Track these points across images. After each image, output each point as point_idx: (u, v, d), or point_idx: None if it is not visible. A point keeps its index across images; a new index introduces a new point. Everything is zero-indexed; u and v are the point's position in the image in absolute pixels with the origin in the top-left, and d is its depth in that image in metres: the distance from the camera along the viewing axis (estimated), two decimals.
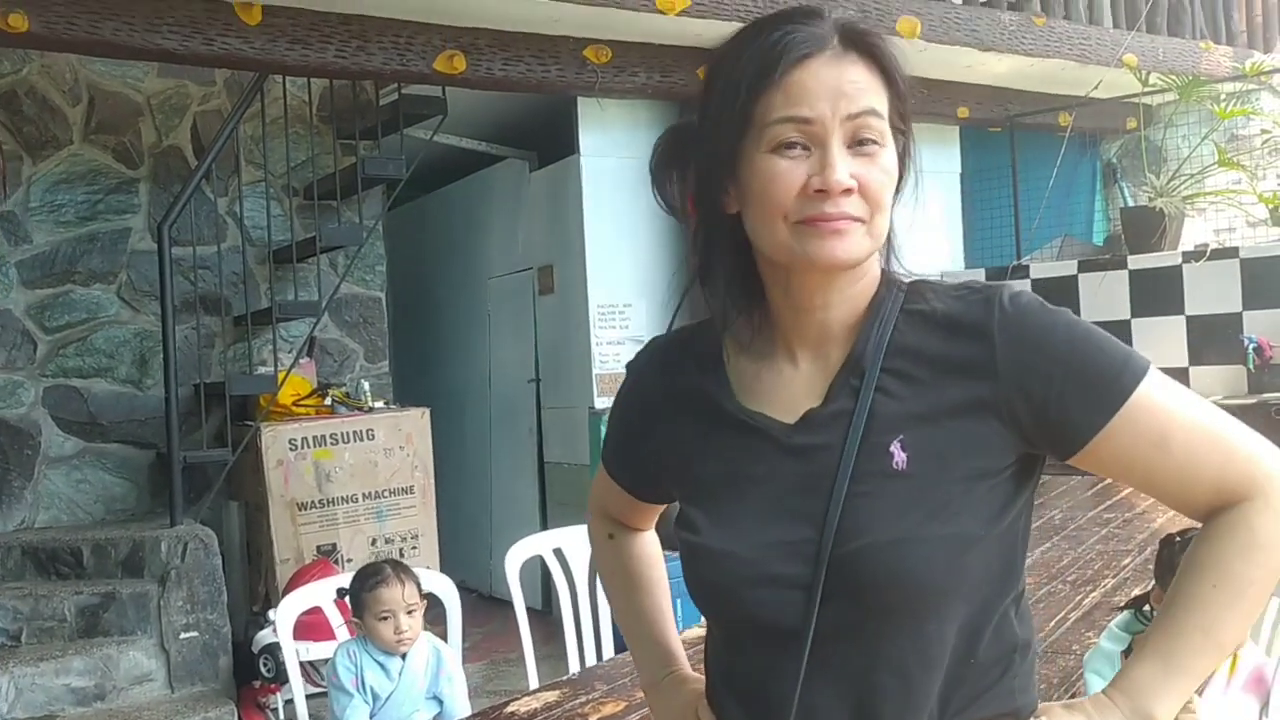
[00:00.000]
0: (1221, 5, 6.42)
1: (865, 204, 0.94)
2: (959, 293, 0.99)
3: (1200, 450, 0.94)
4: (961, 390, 0.96)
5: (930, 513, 0.93)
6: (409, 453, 4.50)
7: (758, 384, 1.03)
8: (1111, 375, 0.93)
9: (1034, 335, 0.95)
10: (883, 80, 0.96)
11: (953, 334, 0.97)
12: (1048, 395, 0.93)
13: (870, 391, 0.97)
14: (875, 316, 1.00)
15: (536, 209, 5.46)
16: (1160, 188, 5.35)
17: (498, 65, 4.29)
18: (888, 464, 0.95)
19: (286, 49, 3.86)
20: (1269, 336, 4.86)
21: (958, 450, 0.95)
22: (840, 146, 0.93)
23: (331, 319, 5.07)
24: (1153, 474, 0.95)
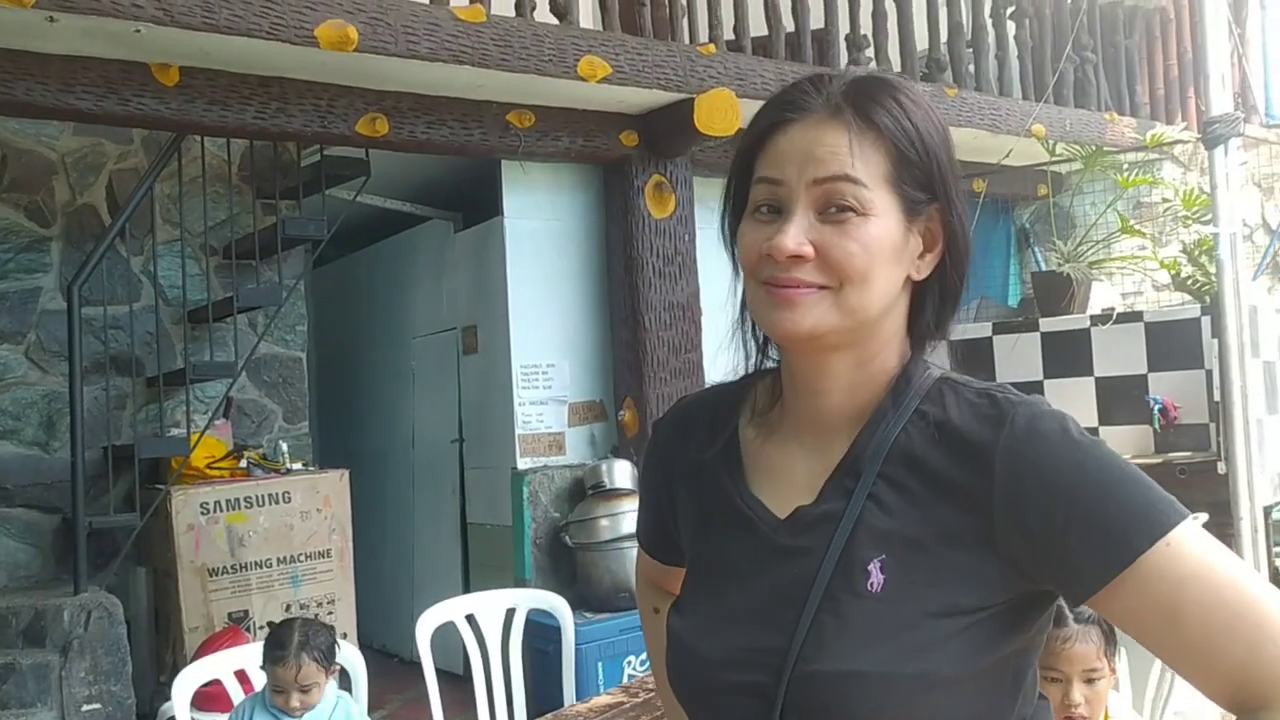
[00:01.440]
0: (1125, 78, 6.71)
1: (829, 273, 0.88)
2: (979, 402, 0.91)
3: (1220, 634, 0.81)
4: (955, 516, 0.88)
5: (896, 646, 0.85)
6: (326, 515, 4.43)
7: (765, 463, 0.99)
8: (1121, 528, 0.82)
9: (1039, 468, 0.85)
10: (879, 144, 0.90)
11: (954, 451, 0.89)
12: (1050, 536, 0.84)
13: (861, 499, 0.90)
14: (883, 413, 0.93)
15: (461, 269, 5.46)
16: (1067, 253, 5.52)
17: (420, 128, 4.32)
18: (863, 584, 0.88)
19: (204, 110, 3.85)
20: (1173, 398, 5.01)
21: (941, 581, 0.87)
22: (806, 212, 0.89)
23: (250, 379, 5.00)
24: (1164, 649, 0.85)
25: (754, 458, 1.00)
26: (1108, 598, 0.84)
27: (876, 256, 0.88)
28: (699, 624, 0.97)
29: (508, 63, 4.07)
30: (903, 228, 0.90)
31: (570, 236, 5.13)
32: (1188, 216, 5.19)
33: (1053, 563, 0.85)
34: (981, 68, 5.97)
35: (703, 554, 1.01)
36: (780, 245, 0.88)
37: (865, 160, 0.89)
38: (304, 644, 2.31)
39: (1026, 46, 6.21)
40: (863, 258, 0.88)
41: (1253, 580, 0.83)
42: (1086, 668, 1.74)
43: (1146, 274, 6.18)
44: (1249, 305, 4.71)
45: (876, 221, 0.88)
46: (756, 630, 0.92)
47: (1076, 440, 0.86)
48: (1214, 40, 4.68)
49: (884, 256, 0.89)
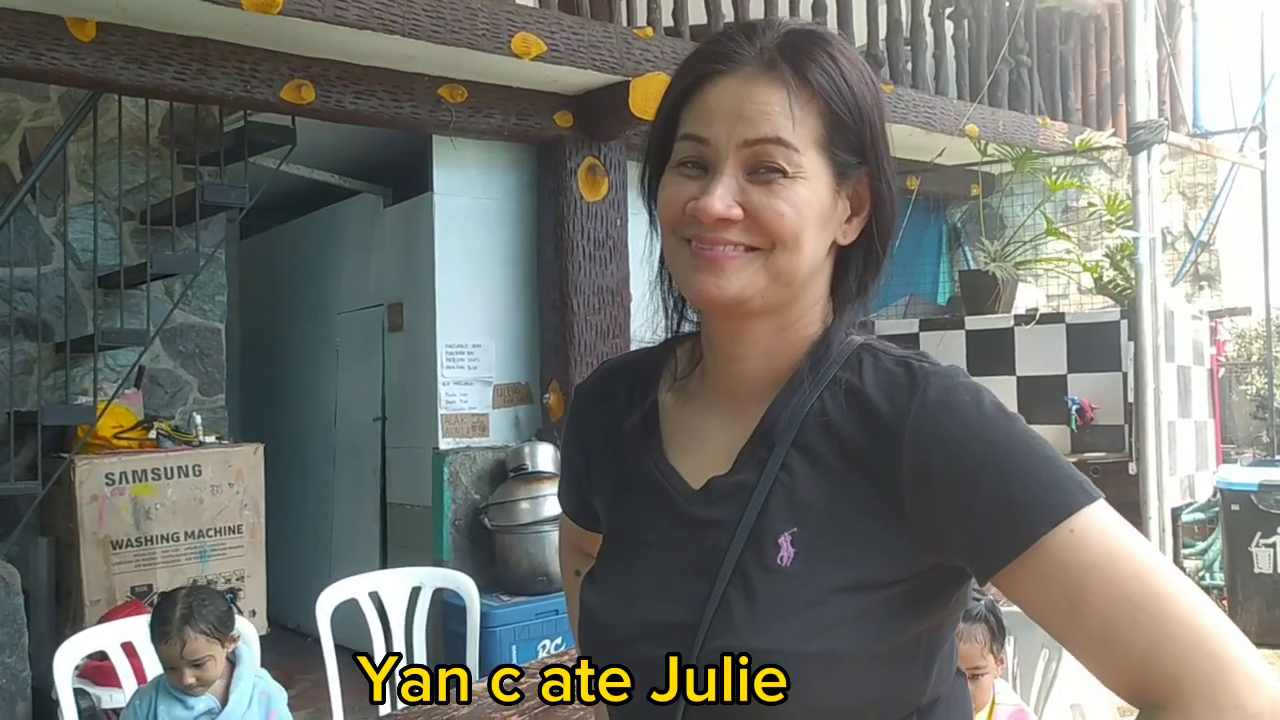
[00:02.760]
0: (1059, 83, 6.80)
1: (758, 235, 0.85)
2: (895, 370, 0.87)
3: (1121, 627, 0.77)
4: (866, 487, 0.85)
5: (804, 623, 0.83)
6: (238, 490, 4.33)
7: (682, 430, 0.96)
8: (1024, 508, 0.79)
9: (946, 441, 0.82)
10: (813, 105, 0.86)
11: (866, 420, 0.86)
12: (955, 512, 0.81)
13: (775, 470, 0.87)
14: (800, 380, 0.89)
15: (389, 245, 5.38)
16: (994, 253, 5.59)
17: (349, 98, 4.23)
18: (773, 558, 0.85)
19: (121, 68, 3.73)
20: (1091, 399, 5.10)
21: (851, 555, 0.84)
22: (734, 172, 0.85)
23: (165, 349, 4.87)
24: (1065, 637, 0.81)
25: (671, 425, 0.97)
26: (1009, 579, 0.80)
27: (806, 219, 0.85)
28: (609, 596, 0.94)
29: (439, 35, 4.00)
30: (831, 191, 0.87)
31: (501, 216, 5.07)
32: (1111, 221, 5.27)
33: (958, 538, 0.82)
34: (918, 66, 6.01)
35: (617, 523, 0.99)
36: (707, 207, 0.84)
37: (798, 122, 0.85)
38: (188, 616, 2.17)
39: (964, 47, 6.27)
40: (793, 219, 0.85)
41: (1161, 571, 0.78)
42: (971, 665, 1.75)
43: (1071, 277, 6.28)
44: (1166, 310, 4.80)
45: (806, 184, 0.85)
46: (666, 604, 0.89)
47: (988, 414, 0.83)
48: (1141, 49, 4.76)
49: (813, 219, 0.86)
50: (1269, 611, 5.11)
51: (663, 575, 0.91)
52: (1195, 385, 5.31)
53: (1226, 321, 6.50)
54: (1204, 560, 5.72)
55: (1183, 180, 6.95)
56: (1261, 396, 6.53)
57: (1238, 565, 5.18)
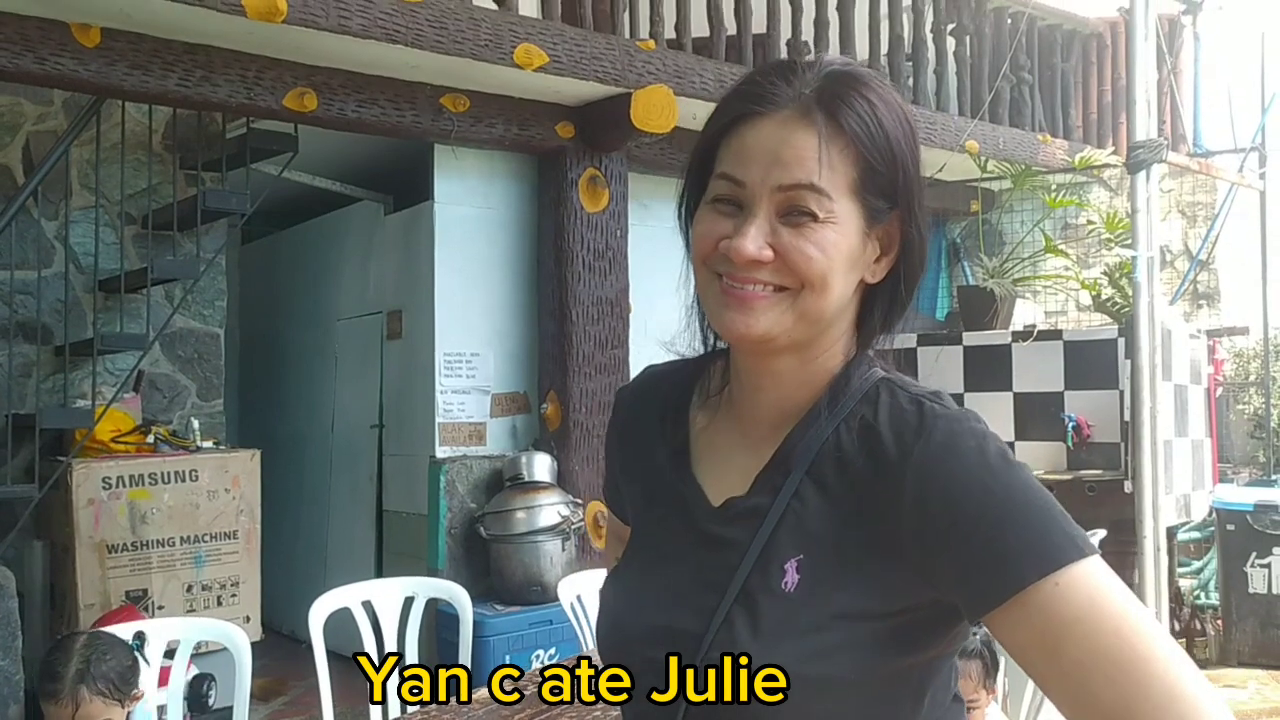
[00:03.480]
0: (1060, 101, 6.82)
1: (787, 276, 0.88)
2: (908, 408, 0.90)
3: (1095, 683, 0.79)
4: (870, 521, 0.88)
5: (802, 646, 0.86)
6: (234, 496, 4.33)
7: (708, 447, 1.01)
8: (1015, 557, 0.81)
9: (947, 485, 0.85)
10: (847, 152, 0.88)
11: (874, 456, 0.89)
12: (949, 553, 0.84)
13: (787, 498, 0.91)
14: (818, 412, 0.93)
15: (389, 253, 5.39)
16: (993, 269, 5.60)
17: (351, 106, 4.25)
18: (778, 582, 0.89)
19: (125, 74, 3.75)
20: (1087, 416, 5.11)
21: (852, 584, 0.88)
22: (767, 214, 0.88)
23: (164, 354, 4.88)
24: (1042, 682, 0.83)
25: (699, 441, 1.01)
26: (994, 622, 0.83)
27: (835, 262, 0.88)
28: (626, 597, 1.00)
29: (442, 45, 4.01)
30: (861, 234, 0.90)
31: (501, 225, 5.09)
32: (1110, 239, 5.28)
33: (950, 578, 0.85)
34: (920, 81, 6.03)
35: (642, 528, 1.04)
36: (740, 248, 0.88)
37: (831, 168, 0.88)
38: (83, 674, 1.87)
39: (965, 63, 6.29)
40: (822, 263, 0.88)
41: (1143, 633, 0.80)
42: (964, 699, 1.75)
43: (1069, 294, 6.30)
44: (1163, 329, 4.81)
45: (836, 228, 0.88)
46: (675, 612, 0.94)
47: (989, 462, 0.85)
48: (1142, 67, 4.77)
49: (841, 262, 0.89)
50: (1263, 632, 5.11)
51: (676, 585, 0.95)
52: (1192, 404, 5.32)
53: (1225, 341, 6.51)
54: (1199, 580, 5.72)
55: (1182, 199, 6.97)
56: (1259, 416, 6.54)
57: (1232, 585, 5.18)
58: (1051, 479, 5.02)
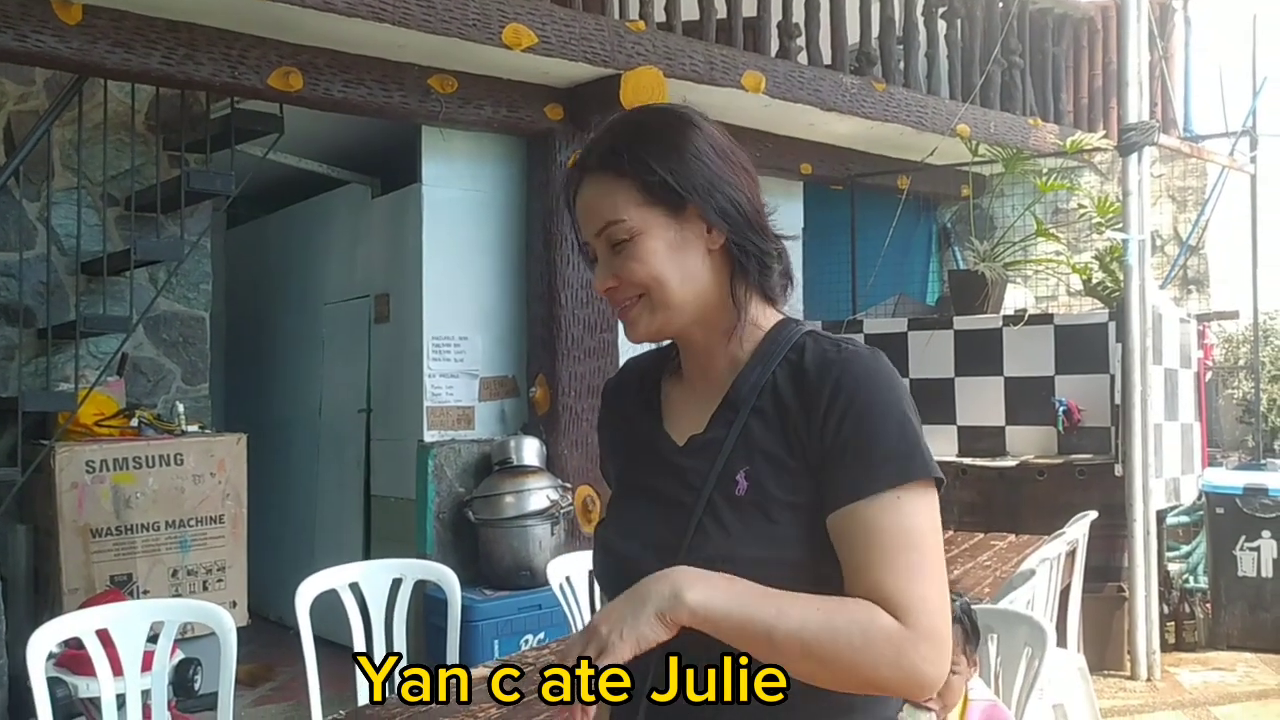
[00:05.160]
0: (1051, 85, 6.80)
1: (633, 288, 1.12)
2: (828, 348, 1.12)
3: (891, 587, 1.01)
4: (796, 434, 1.09)
5: (756, 536, 1.06)
6: (220, 480, 4.29)
7: (673, 405, 1.23)
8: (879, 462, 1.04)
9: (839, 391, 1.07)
10: (620, 182, 1.11)
11: (800, 386, 1.10)
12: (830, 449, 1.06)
13: (738, 428, 1.12)
14: (757, 361, 1.15)
15: (376, 236, 5.35)
16: (984, 253, 5.58)
17: (337, 86, 4.20)
18: (733, 490, 1.09)
19: (107, 52, 3.70)
20: (1078, 400, 5.10)
21: (785, 485, 1.08)
22: (604, 254, 1.14)
23: (149, 337, 4.83)
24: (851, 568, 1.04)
25: (667, 403, 1.24)
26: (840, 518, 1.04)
27: (655, 261, 1.11)
28: (616, 528, 1.20)
29: (429, 24, 3.97)
30: (673, 227, 1.12)
31: (490, 208, 5.05)
32: (1101, 223, 5.26)
33: (827, 471, 1.06)
34: (911, 65, 6.00)
35: (624, 478, 1.25)
36: (598, 288, 1.16)
37: (615, 200, 1.11)
38: None
39: (956, 47, 6.26)
40: (644, 268, 1.11)
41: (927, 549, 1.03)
42: None
43: (1060, 279, 6.29)
44: (1154, 312, 4.80)
45: (643, 237, 1.11)
46: (658, 530, 1.13)
47: (878, 380, 1.07)
48: (1134, 50, 4.76)
49: (665, 256, 1.12)
50: (1252, 614, 5.12)
51: (654, 510, 1.16)
52: (1182, 388, 5.31)
53: (1214, 325, 6.51)
54: (1188, 563, 5.73)
55: (1173, 184, 6.96)
56: (1248, 401, 6.54)
57: (1221, 568, 5.19)
58: (1042, 463, 5.02)
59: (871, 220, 6.15)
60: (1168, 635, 5.07)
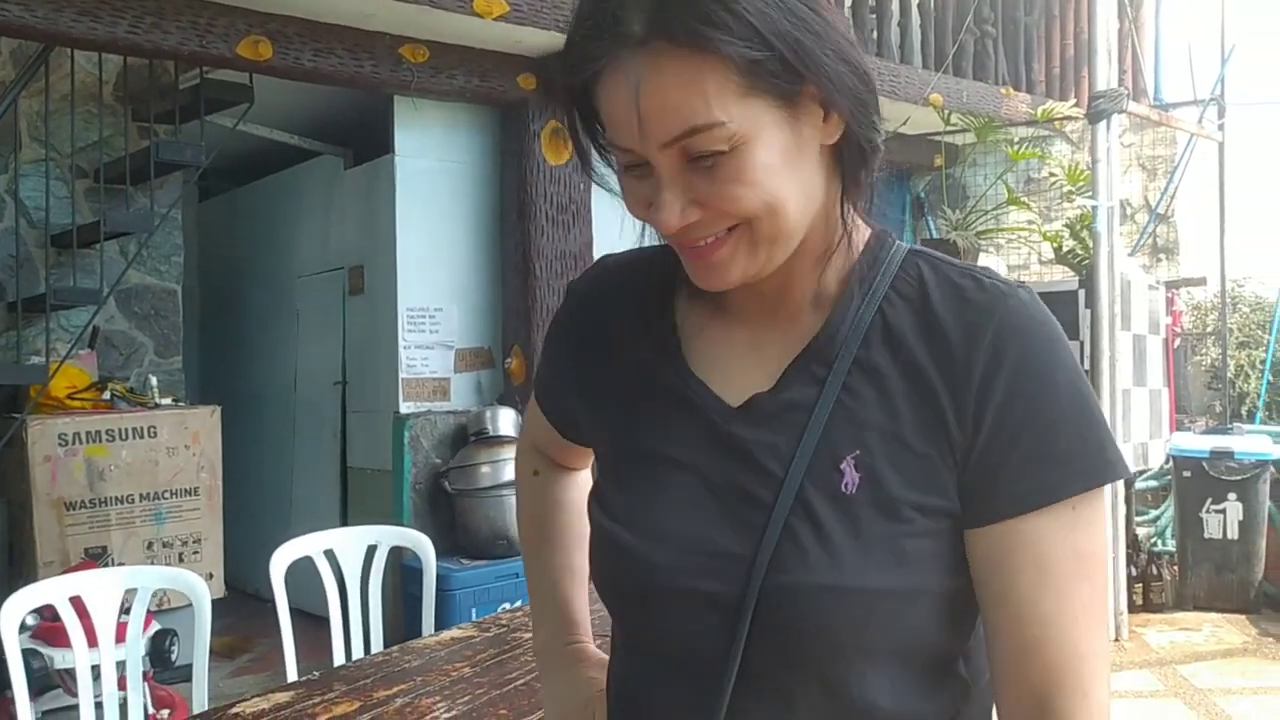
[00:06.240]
0: (1023, 54, 6.83)
1: (730, 218, 0.76)
2: (964, 283, 0.80)
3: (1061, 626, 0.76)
4: (928, 407, 0.78)
5: (877, 556, 0.76)
6: (195, 452, 4.29)
7: (704, 341, 0.87)
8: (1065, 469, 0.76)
9: (1017, 369, 0.76)
10: (710, 65, 0.71)
11: (935, 337, 0.79)
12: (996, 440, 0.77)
13: (836, 388, 0.79)
14: (853, 293, 0.81)
15: (349, 207, 5.32)
16: (956, 222, 5.61)
17: (307, 56, 4.17)
18: (837, 485, 0.77)
19: (73, 20, 3.65)
20: None
21: (917, 480, 0.77)
22: (673, 173, 0.75)
23: (120, 310, 4.80)
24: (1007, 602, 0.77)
25: (694, 338, 0.87)
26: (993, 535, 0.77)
27: (769, 179, 0.74)
28: (637, 522, 0.84)
29: None
30: (787, 122, 0.75)
31: (463, 179, 5.03)
32: (1072, 191, 5.30)
33: (982, 470, 0.77)
34: (884, 34, 6.00)
35: (630, 442, 0.87)
36: (664, 225, 0.76)
37: (705, 93, 0.71)
38: None
39: (929, 16, 6.27)
40: (753, 193, 0.74)
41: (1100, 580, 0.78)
42: None
43: (1032, 247, 6.33)
44: (1122, 279, 4.86)
45: (750, 145, 0.73)
46: (712, 532, 0.80)
47: (1052, 339, 0.78)
48: (1103, 19, 4.78)
49: (779, 172, 0.75)
50: (1218, 576, 5.21)
51: (702, 500, 0.82)
52: (1151, 354, 5.37)
53: (1183, 292, 6.58)
54: (1156, 527, 5.82)
55: (1143, 153, 7.01)
56: (1216, 367, 6.63)
57: (1188, 531, 5.27)
58: None
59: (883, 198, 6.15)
60: (1136, 597, 5.15)
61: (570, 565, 1.11)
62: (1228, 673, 4.35)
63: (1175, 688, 4.17)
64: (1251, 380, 6.76)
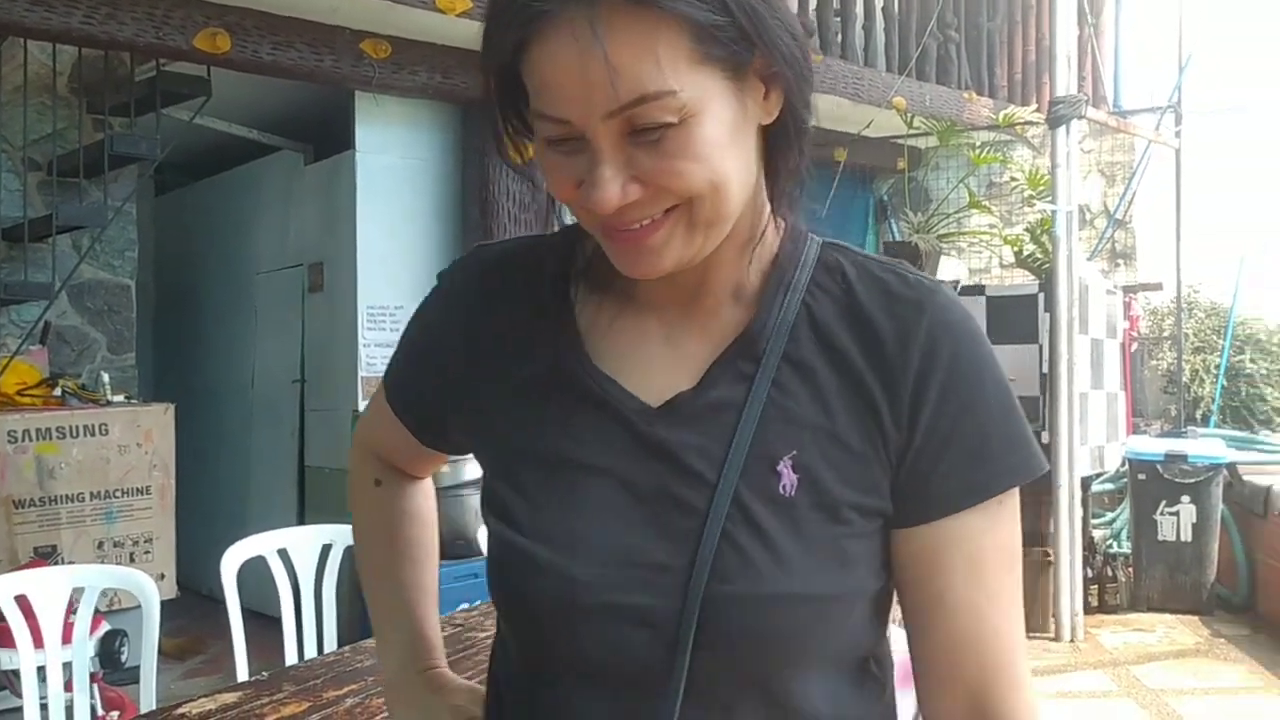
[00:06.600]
0: (985, 59, 6.89)
1: (669, 196, 0.70)
2: (884, 279, 0.78)
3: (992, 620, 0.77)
4: (864, 408, 0.76)
5: (820, 560, 0.74)
6: (147, 451, 4.22)
7: (611, 337, 0.81)
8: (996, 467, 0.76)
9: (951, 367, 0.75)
10: (665, 26, 0.66)
11: (864, 332, 0.77)
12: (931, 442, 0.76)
13: (765, 385, 0.76)
14: (779, 283, 0.78)
15: (309, 204, 5.26)
16: (918, 225, 5.64)
17: (266, 49, 4.12)
18: (775, 487, 0.74)
19: (26, 10, 3.58)
20: (1009, 369, 5.16)
21: (854, 479, 0.75)
22: (613, 146, 0.69)
23: (72, 305, 4.72)
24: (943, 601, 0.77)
25: (601, 333, 0.81)
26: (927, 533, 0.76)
27: (715, 155, 0.70)
28: (549, 533, 0.77)
29: None
30: (733, 95, 0.71)
31: (425, 176, 4.99)
32: (1032, 195, 5.35)
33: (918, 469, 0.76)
34: (848, 37, 6.03)
35: (531, 444, 0.80)
36: (601, 202, 0.69)
37: (657, 58, 0.66)
38: None
39: (893, 19, 6.31)
40: (700, 170, 0.69)
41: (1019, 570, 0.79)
42: None
43: (993, 251, 6.38)
44: (1081, 283, 4.91)
45: (698, 118, 0.68)
46: (639, 542, 0.75)
47: (978, 336, 0.77)
48: (1063, 26, 4.83)
49: (724, 147, 0.70)
50: (1171, 578, 5.28)
51: (624, 508, 0.76)
52: (1108, 358, 5.44)
53: (1140, 297, 6.67)
54: (1112, 529, 5.88)
55: (1102, 159, 7.09)
56: (1172, 371, 6.72)
57: (1143, 533, 5.33)
58: None
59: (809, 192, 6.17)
60: (1091, 598, 5.20)
61: (422, 583, 1.04)
62: (1180, 673, 4.40)
63: (1128, 688, 4.21)
64: (1206, 384, 6.86)
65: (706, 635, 0.73)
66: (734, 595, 0.72)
